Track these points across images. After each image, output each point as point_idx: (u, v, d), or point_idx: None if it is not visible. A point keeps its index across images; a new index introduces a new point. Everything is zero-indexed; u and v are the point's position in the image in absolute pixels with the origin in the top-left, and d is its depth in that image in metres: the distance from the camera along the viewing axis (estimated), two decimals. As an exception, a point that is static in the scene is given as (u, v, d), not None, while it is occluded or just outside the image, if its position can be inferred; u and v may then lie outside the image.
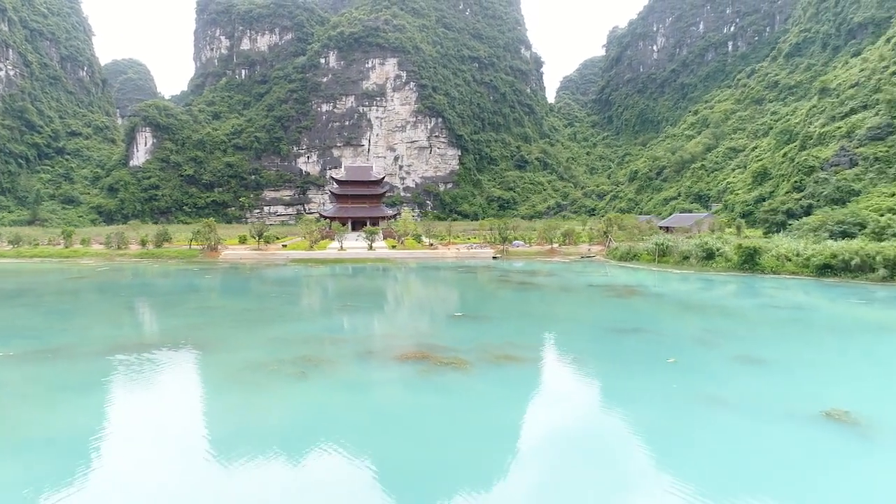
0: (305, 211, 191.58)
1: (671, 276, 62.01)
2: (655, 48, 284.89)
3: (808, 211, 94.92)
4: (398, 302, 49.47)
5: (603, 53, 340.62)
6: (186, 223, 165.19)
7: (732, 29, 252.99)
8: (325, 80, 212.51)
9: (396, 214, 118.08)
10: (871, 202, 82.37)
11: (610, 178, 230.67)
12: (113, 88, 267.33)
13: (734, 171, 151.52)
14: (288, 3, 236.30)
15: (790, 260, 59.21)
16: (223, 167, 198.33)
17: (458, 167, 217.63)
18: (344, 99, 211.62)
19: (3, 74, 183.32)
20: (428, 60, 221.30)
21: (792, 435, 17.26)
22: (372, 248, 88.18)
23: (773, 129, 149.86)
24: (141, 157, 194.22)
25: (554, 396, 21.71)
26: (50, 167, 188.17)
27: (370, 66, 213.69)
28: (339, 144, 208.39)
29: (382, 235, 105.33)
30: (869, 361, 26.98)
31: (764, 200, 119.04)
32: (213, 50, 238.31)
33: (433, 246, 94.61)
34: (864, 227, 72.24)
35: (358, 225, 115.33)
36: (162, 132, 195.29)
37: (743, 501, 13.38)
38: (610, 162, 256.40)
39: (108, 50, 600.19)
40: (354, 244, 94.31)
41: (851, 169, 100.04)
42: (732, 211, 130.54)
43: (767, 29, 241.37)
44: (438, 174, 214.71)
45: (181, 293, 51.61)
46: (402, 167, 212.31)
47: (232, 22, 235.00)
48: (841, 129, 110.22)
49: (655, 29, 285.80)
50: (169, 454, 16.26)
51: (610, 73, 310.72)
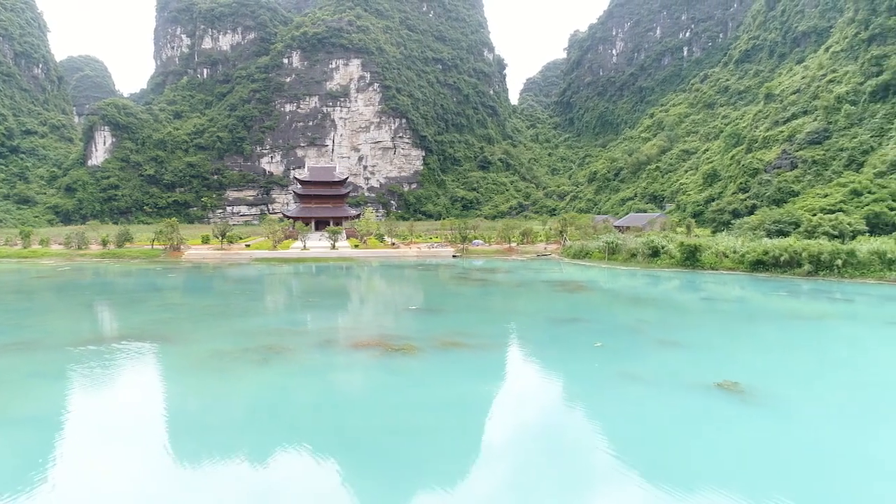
0: (269, 211, 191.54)
1: (619, 272, 65.60)
2: (615, 52, 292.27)
3: (752, 211, 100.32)
4: (358, 298, 51.74)
5: (564, 56, 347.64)
6: (147, 223, 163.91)
7: (688, 35, 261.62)
8: (288, 80, 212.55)
9: (359, 214, 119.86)
10: (806, 202, 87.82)
11: (571, 178, 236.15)
12: (69, 86, 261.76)
13: (687, 172, 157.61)
14: (251, 2, 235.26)
15: (727, 257, 63.38)
16: (185, 167, 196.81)
17: (422, 168, 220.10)
18: (308, 99, 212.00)
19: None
20: (392, 62, 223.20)
21: (687, 401, 20.33)
22: (335, 247, 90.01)
23: (723, 132, 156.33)
24: (100, 156, 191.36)
25: (491, 374, 24.42)
26: (4, 166, 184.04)
27: (334, 66, 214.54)
28: (302, 145, 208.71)
29: (345, 235, 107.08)
30: (768, 343, 30.50)
31: (713, 201, 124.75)
32: (173, 48, 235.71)
33: (395, 245, 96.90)
34: (798, 225, 77.35)
35: (321, 225, 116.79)
36: (121, 131, 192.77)
37: (642, 452, 16.26)
38: (571, 163, 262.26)
39: (63, 46, 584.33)
40: (317, 244, 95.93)
41: (792, 171, 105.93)
42: (684, 211, 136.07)
43: (720, 35, 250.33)
44: (402, 174, 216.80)
45: (145, 291, 52.86)
46: (366, 167, 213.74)
47: (193, 20, 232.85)
48: (783, 133, 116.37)
49: (614, 33, 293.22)
50: (139, 430, 18.37)
51: (571, 75, 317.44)
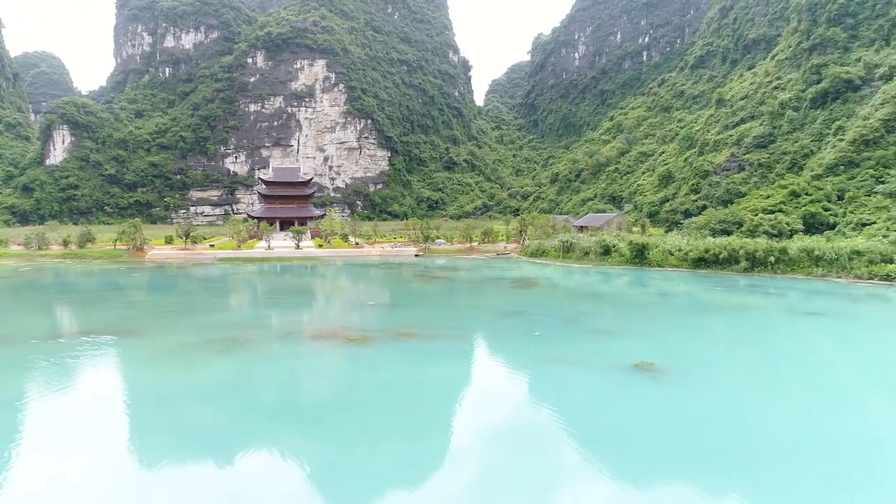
0: (234, 211, 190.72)
1: (573, 269, 68.77)
2: (577, 55, 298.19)
3: (702, 211, 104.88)
4: (320, 295, 53.66)
5: (529, 58, 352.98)
6: (109, 224, 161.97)
7: (647, 40, 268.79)
8: (252, 80, 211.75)
9: (324, 215, 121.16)
10: (750, 203, 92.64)
11: (534, 179, 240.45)
12: (24, 83, 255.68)
13: (644, 174, 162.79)
14: (214, 1, 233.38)
15: (673, 254, 67.12)
16: (147, 167, 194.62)
17: (387, 168, 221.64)
18: (272, 99, 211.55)
19: None
20: (357, 62, 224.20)
21: (605, 378, 23.11)
22: (299, 247, 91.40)
23: (678, 135, 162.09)
24: (58, 155, 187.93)
25: (437, 360, 26.84)
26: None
27: (299, 66, 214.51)
28: (267, 145, 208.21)
29: (310, 235, 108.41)
30: (690, 331, 33.69)
31: (668, 201, 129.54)
32: (134, 46, 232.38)
33: (359, 245, 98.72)
34: (741, 225, 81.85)
35: (286, 225, 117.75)
36: (81, 130, 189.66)
37: (564, 420, 18.89)
38: (535, 164, 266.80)
39: (18, 42, 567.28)
40: (282, 244, 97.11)
41: (739, 173, 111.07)
42: (641, 211, 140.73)
43: (678, 41, 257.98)
44: (368, 175, 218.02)
45: (110, 290, 53.79)
46: (331, 168, 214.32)
47: (155, 18, 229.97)
48: (732, 137, 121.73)
49: (577, 37, 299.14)
50: (112, 410, 20.28)
51: (535, 78, 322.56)
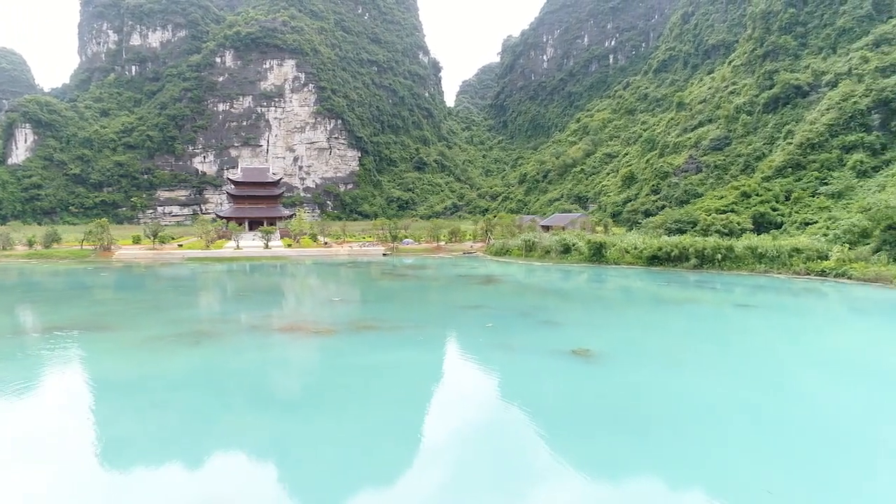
0: (202, 211, 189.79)
1: (534, 267, 71.46)
2: (545, 58, 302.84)
3: (661, 211, 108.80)
4: (287, 292, 55.27)
5: (499, 60, 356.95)
6: (74, 224, 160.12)
7: (613, 43, 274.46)
8: (221, 79, 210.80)
9: (293, 215, 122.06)
10: (705, 204, 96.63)
11: (503, 179, 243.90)
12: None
13: (608, 175, 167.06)
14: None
15: (629, 252, 70.29)
16: (113, 166, 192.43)
17: (358, 168, 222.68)
18: (241, 99, 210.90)
19: None
20: (327, 63, 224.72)
21: (546, 362, 25.51)
22: (268, 246, 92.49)
23: (641, 137, 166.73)
24: (20, 154, 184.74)
25: (395, 348, 28.91)
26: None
27: (268, 66, 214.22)
28: (236, 144, 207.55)
29: (279, 235, 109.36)
30: (630, 321, 36.42)
31: (630, 202, 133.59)
32: (99, 44, 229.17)
33: (328, 244, 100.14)
34: (695, 224, 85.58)
35: (255, 225, 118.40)
36: (44, 129, 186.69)
37: (505, 395, 21.19)
38: (504, 164, 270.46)
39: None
40: (251, 243, 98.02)
41: (697, 175, 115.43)
42: (605, 211, 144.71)
43: (643, 45, 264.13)
44: (338, 175, 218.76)
45: (79, 289, 54.56)
46: (301, 168, 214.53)
47: (120, 16, 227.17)
48: (691, 139, 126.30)
49: (545, 40, 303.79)
50: (87, 396, 21.96)
51: (504, 79, 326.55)
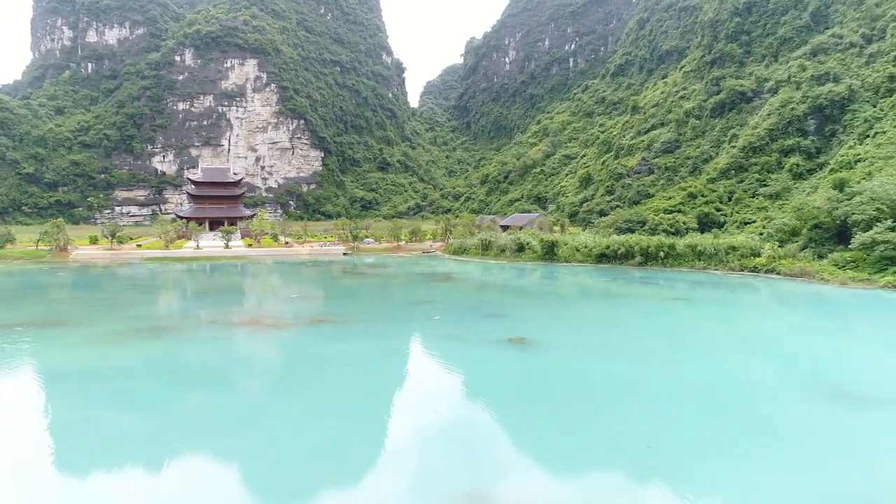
0: (162, 211, 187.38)
1: (490, 265, 74.02)
2: (508, 60, 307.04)
3: (613, 211, 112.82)
4: (246, 290, 56.57)
5: (462, 61, 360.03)
6: (27, 224, 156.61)
7: (573, 47, 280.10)
8: (181, 78, 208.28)
9: (254, 215, 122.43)
10: (654, 204, 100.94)
11: (466, 180, 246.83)
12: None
13: (567, 176, 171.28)
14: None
15: (579, 251, 73.42)
16: (68, 165, 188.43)
17: (321, 168, 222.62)
18: (202, 98, 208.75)
19: None
20: (289, 62, 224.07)
21: (483, 349, 27.89)
22: (228, 246, 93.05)
23: (598, 139, 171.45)
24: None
25: (346, 338, 30.91)
26: None
27: (229, 65, 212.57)
28: (197, 144, 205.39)
29: (240, 235, 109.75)
30: (565, 313, 39.18)
31: (587, 202, 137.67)
32: (53, 40, 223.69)
33: (289, 244, 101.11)
34: (644, 224, 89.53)
35: (215, 225, 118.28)
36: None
37: (445, 378, 23.41)
38: (468, 165, 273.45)
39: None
40: (211, 243, 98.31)
41: (649, 176, 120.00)
42: (563, 211, 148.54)
43: (602, 49, 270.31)
44: (301, 175, 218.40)
45: (35, 288, 54.85)
46: (263, 168, 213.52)
47: (76, 12, 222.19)
48: (644, 142, 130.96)
49: (507, 42, 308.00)
50: (46, 384, 23.43)
51: (468, 80, 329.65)
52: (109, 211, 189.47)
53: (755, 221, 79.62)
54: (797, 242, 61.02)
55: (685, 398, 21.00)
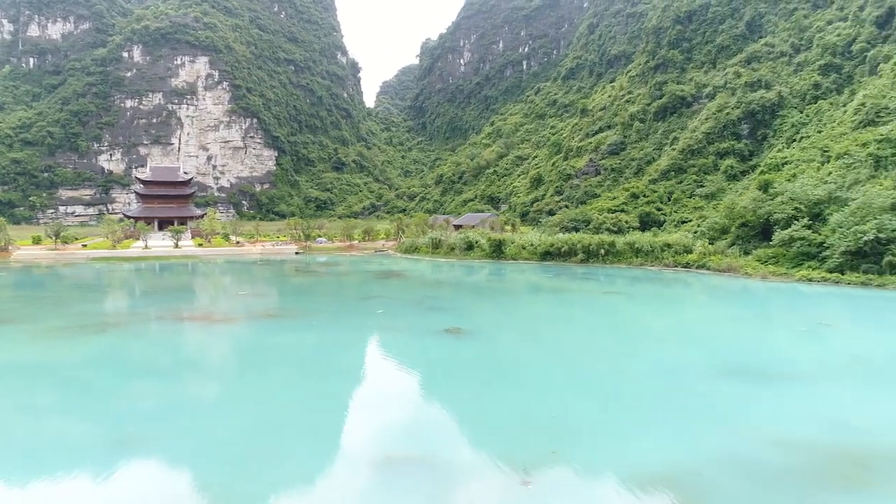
0: (109, 211, 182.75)
1: (440, 263, 75.93)
2: (463, 62, 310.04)
3: (561, 210, 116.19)
4: (195, 288, 56.96)
5: (418, 62, 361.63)
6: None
7: (526, 50, 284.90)
8: (128, 74, 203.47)
9: (204, 214, 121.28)
10: (599, 204, 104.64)
11: (421, 180, 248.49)
12: None
13: (519, 176, 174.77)
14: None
15: (525, 249, 75.98)
16: (9, 164, 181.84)
17: (274, 168, 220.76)
18: (151, 95, 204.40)
19: None
20: (241, 61, 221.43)
21: (420, 338, 29.67)
22: (178, 246, 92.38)
23: (549, 141, 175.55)
24: None
25: (291, 330, 32.23)
26: None
27: (179, 63, 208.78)
28: (146, 143, 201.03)
29: (190, 234, 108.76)
30: (503, 306, 41.36)
31: (537, 202, 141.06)
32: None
33: (240, 244, 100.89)
34: (588, 223, 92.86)
35: (165, 224, 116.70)
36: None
37: (383, 363, 25.04)
38: (423, 165, 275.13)
39: None
40: (161, 243, 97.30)
41: (596, 177, 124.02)
42: (515, 211, 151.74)
43: (554, 52, 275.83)
44: (254, 175, 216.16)
45: (-24, 288, 54.02)
46: (215, 167, 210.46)
47: (16, 4, 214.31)
48: (591, 144, 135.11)
49: (462, 44, 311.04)
50: None
51: (423, 81, 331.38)
52: (53, 211, 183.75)
53: (691, 220, 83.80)
54: (726, 240, 64.86)
55: (602, 378, 23.23)
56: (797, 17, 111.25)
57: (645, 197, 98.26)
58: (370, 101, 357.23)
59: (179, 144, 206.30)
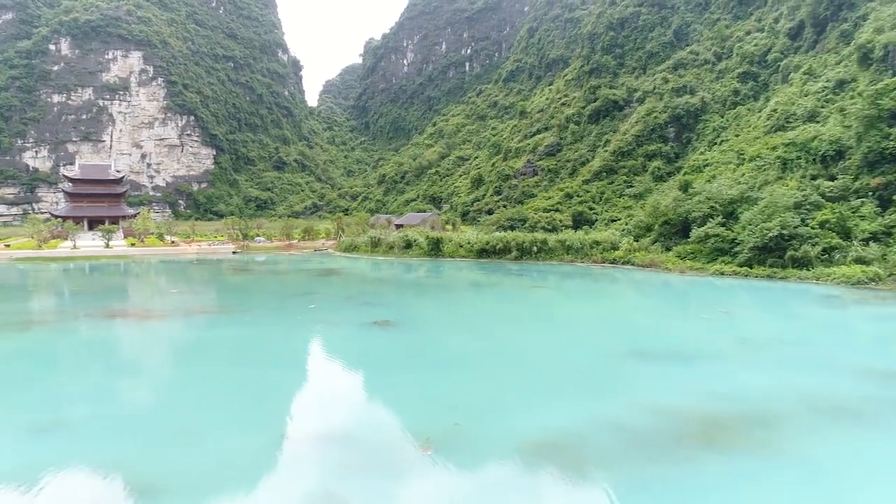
0: (35, 210, 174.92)
1: (378, 261, 76.90)
2: (406, 62, 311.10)
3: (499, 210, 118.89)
4: (126, 287, 56.09)
5: (361, 62, 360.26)
6: None
7: (469, 52, 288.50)
8: (56, 68, 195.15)
9: (137, 213, 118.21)
10: (536, 203, 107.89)
11: (364, 180, 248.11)
12: None
13: (460, 177, 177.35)
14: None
15: (462, 247, 77.87)
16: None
17: (213, 167, 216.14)
18: (80, 91, 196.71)
19: None
20: (178, 56, 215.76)
21: (349, 330, 30.82)
22: (109, 246, 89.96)
23: (489, 142, 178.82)
24: None
25: (221, 326, 32.76)
26: None
27: (111, 57, 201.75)
28: (75, 139, 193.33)
29: (122, 234, 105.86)
30: (432, 300, 42.96)
31: (478, 202, 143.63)
32: None
33: (175, 243, 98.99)
34: (525, 222, 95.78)
35: (95, 224, 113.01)
36: None
37: (312, 352, 26.03)
38: (366, 165, 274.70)
39: None
40: (90, 243, 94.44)
41: (533, 177, 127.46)
42: (456, 211, 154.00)
43: (496, 55, 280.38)
44: (192, 173, 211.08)
45: None
46: (150, 166, 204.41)
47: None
48: (529, 145, 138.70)
49: (405, 44, 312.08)
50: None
51: (367, 81, 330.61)
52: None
53: (620, 219, 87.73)
54: (650, 237, 68.47)
55: (516, 361, 24.98)
56: (719, 27, 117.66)
57: (578, 197, 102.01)
58: (313, 100, 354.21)
59: (111, 142, 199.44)
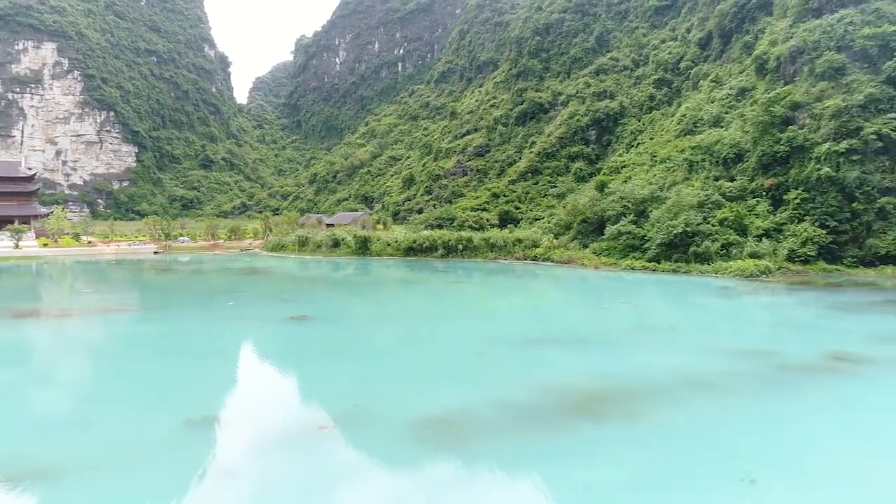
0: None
1: (306, 260, 76.75)
2: (338, 61, 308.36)
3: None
4: (36, 288, 53.95)
5: (293, 59, 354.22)
6: None
7: (401, 52, 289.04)
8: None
9: (50, 213, 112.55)
10: (464, 203, 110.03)
11: (296, 179, 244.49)
12: None
13: (392, 177, 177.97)
14: None
15: (390, 245, 78.83)
16: None
17: (135, 165, 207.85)
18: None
19: None
20: (95, 49, 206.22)
21: (265, 325, 31.27)
22: (19, 246, 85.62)
23: (421, 142, 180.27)
24: None
25: (135, 323, 32.52)
26: None
27: (21, 48, 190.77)
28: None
29: (34, 235, 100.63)
30: (352, 296, 43.85)
31: (409, 201, 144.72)
32: None
33: (92, 244, 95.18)
34: (453, 221, 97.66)
35: (4, 224, 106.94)
36: None
37: (231, 349, 26.35)
38: (298, 164, 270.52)
39: None
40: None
41: (463, 177, 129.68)
42: (388, 210, 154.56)
43: (428, 56, 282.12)
44: (112, 171, 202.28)
45: None
46: (66, 163, 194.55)
47: None
48: (459, 145, 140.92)
49: (338, 43, 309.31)
50: None
51: (298, 79, 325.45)
52: None
53: (543, 218, 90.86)
54: (569, 235, 71.58)
55: (425, 349, 26.26)
56: (637, 35, 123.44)
57: (505, 196, 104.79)
58: (242, 97, 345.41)
59: (22, 137, 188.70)
